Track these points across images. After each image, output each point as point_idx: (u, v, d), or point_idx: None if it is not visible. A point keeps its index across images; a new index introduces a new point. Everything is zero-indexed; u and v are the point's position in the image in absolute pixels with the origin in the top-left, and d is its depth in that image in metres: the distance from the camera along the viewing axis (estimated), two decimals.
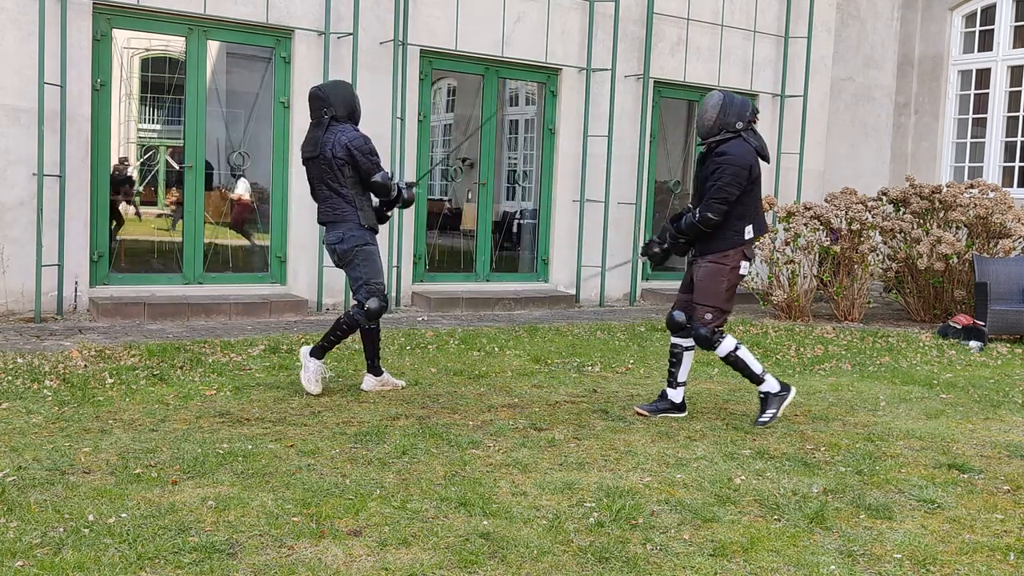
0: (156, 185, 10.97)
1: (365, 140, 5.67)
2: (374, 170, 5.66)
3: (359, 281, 5.81)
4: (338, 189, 5.67)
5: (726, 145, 5.33)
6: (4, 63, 7.91)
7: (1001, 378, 7.32)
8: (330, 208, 5.73)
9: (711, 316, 5.42)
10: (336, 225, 5.72)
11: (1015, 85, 13.31)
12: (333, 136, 5.63)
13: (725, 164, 5.27)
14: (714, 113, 5.34)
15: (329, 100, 5.68)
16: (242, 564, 3.30)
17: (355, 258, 5.76)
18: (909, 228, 10.16)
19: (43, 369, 6.08)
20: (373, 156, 5.67)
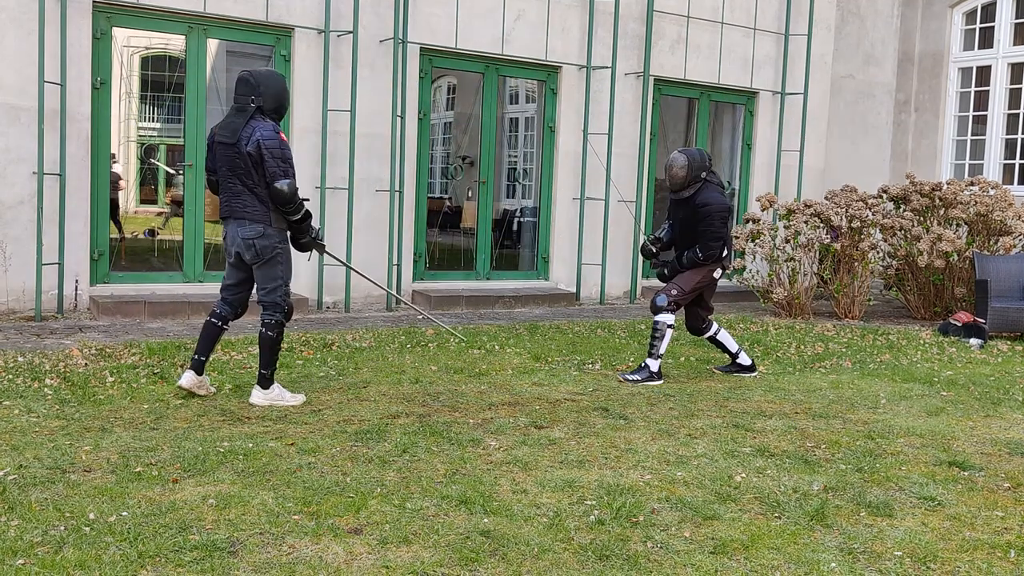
0: (156, 184, 10.98)
1: (281, 144, 5.28)
2: (279, 175, 5.24)
3: (278, 280, 5.46)
4: (252, 187, 5.30)
5: (703, 196, 6.56)
6: (4, 62, 7.91)
7: (1001, 375, 7.32)
8: (240, 204, 5.34)
9: (676, 292, 6.67)
10: (247, 223, 5.34)
11: (1015, 82, 13.30)
12: (252, 130, 5.26)
13: (712, 213, 6.52)
14: (683, 172, 6.55)
15: (259, 89, 5.30)
16: (243, 562, 3.30)
17: (275, 256, 5.42)
18: (909, 226, 10.16)
19: (44, 368, 6.08)
20: (284, 162, 5.27)
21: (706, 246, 6.56)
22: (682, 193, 6.62)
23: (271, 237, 5.39)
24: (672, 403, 5.97)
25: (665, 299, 6.62)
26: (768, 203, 10.42)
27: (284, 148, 5.31)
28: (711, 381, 6.74)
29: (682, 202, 6.68)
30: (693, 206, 6.58)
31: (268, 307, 5.50)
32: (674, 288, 6.65)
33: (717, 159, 12.70)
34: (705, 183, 6.59)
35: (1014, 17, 13.28)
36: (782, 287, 10.12)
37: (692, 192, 6.58)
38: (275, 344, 5.51)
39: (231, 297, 5.65)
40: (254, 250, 5.39)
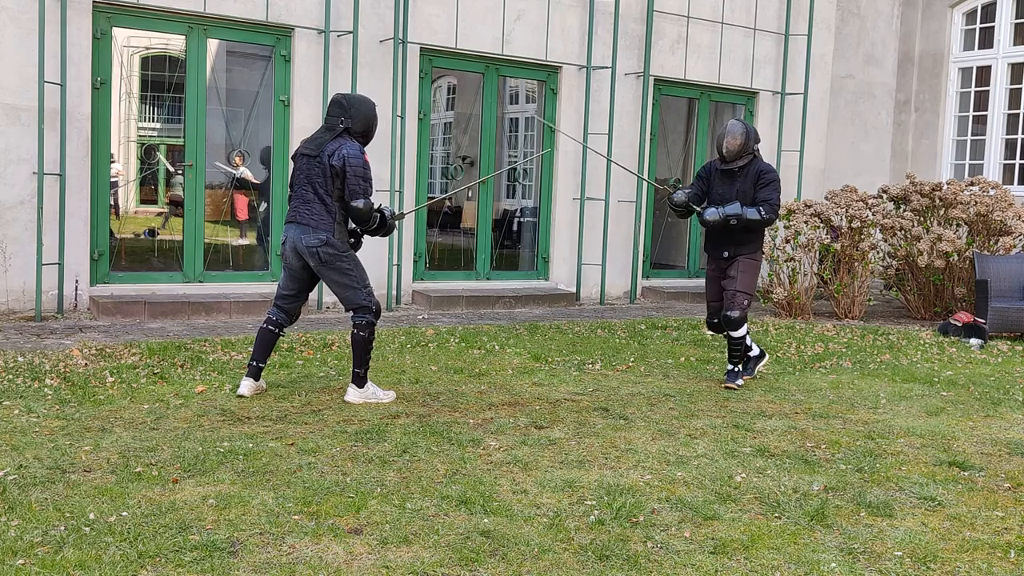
0: (156, 184, 10.98)
1: (364, 164, 5.51)
2: (360, 194, 5.48)
3: (354, 284, 5.63)
4: (324, 196, 5.50)
5: (762, 164, 6.47)
6: (4, 62, 7.91)
7: (1001, 375, 7.32)
8: (308, 212, 5.52)
9: (747, 302, 6.50)
10: (313, 230, 5.51)
11: (1015, 82, 13.30)
12: (338, 146, 5.48)
13: (776, 180, 6.42)
14: (741, 140, 6.38)
15: (349, 111, 5.55)
16: (243, 562, 3.30)
17: (343, 262, 5.60)
18: (909, 226, 10.16)
19: (44, 368, 6.08)
20: (365, 181, 5.50)
21: (772, 208, 6.33)
22: (736, 163, 6.41)
23: (338, 245, 5.57)
24: (672, 403, 5.97)
25: (739, 311, 6.42)
26: None
27: (366, 167, 5.53)
28: (711, 381, 6.74)
29: (732, 174, 6.45)
30: (754, 175, 6.39)
31: (356, 311, 5.66)
32: (745, 298, 6.46)
33: None
34: (755, 156, 6.47)
35: (1014, 17, 13.28)
36: (782, 287, 10.12)
37: (746, 162, 6.41)
38: (368, 344, 5.66)
39: (287, 306, 5.81)
40: (318, 257, 5.55)
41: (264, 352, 5.75)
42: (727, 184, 6.47)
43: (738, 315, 6.41)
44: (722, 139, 6.43)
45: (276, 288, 5.95)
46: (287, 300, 5.79)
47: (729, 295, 6.45)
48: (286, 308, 5.80)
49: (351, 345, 5.70)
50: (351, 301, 5.66)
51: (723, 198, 6.46)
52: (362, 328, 5.64)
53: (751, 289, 6.50)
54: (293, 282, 5.75)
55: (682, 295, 11.31)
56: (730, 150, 6.38)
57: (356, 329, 5.65)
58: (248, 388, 5.67)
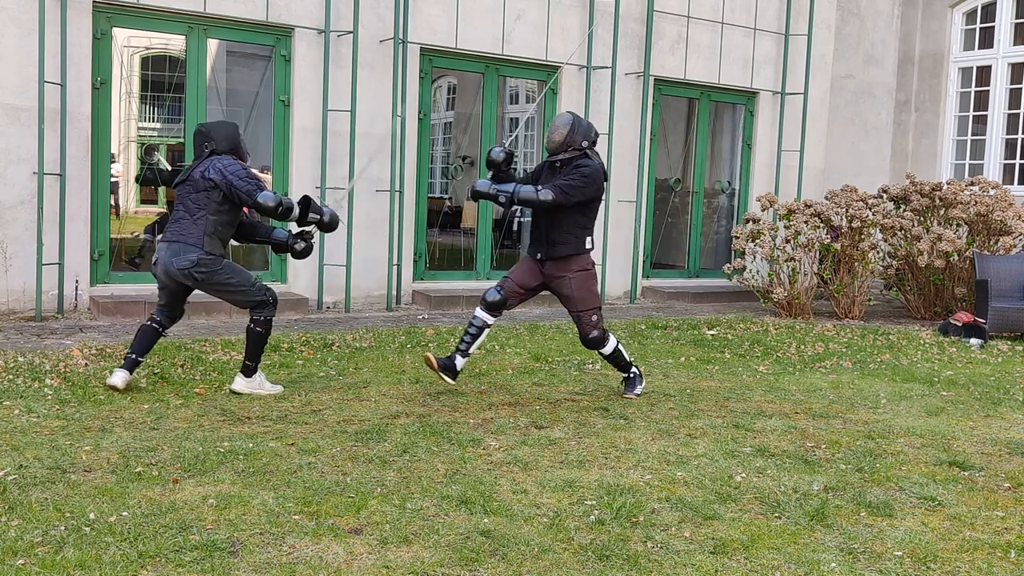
0: (156, 184, 10.99)
1: (242, 167, 5.50)
2: (255, 190, 5.44)
3: (243, 287, 5.61)
4: (193, 211, 5.49)
5: (582, 160, 5.80)
6: (4, 62, 7.91)
7: (1001, 375, 7.32)
8: (177, 228, 5.52)
9: (596, 318, 5.93)
10: (182, 248, 5.47)
11: (1015, 82, 13.30)
12: (209, 163, 5.49)
13: (586, 172, 5.72)
14: (564, 131, 5.80)
15: (211, 135, 5.58)
16: (243, 562, 3.30)
17: (220, 275, 5.55)
18: (909, 225, 10.16)
19: (44, 368, 6.08)
20: (251, 179, 5.47)
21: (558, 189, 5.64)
22: (558, 157, 5.83)
23: (208, 263, 5.51)
24: (672, 403, 5.97)
25: (597, 331, 5.91)
26: (768, 203, 10.42)
27: (247, 170, 5.53)
28: (711, 381, 6.74)
29: (556, 168, 5.87)
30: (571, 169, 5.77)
31: (254, 308, 5.69)
32: (593, 315, 5.89)
33: (717, 159, 12.72)
34: (586, 154, 5.83)
35: (1014, 17, 13.27)
36: (782, 287, 10.12)
37: (569, 157, 5.80)
38: (262, 338, 5.71)
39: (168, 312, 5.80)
40: (193, 279, 5.54)
41: (143, 347, 5.70)
42: (549, 179, 5.88)
43: (597, 335, 5.93)
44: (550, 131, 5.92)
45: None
46: (165, 309, 5.78)
47: (575, 318, 5.94)
48: (168, 313, 5.80)
49: (246, 336, 5.71)
50: (245, 303, 5.69)
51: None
52: (259, 324, 5.68)
53: (594, 303, 5.92)
54: (166, 295, 5.75)
55: (682, 295, 11.31)
56: (553, 142, 5.85)
57: (253, 324, 5.68)
58: (120, 379, 5.59)
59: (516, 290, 5.95)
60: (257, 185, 5.50)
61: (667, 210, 12.18)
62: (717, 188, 12.60)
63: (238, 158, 5.64)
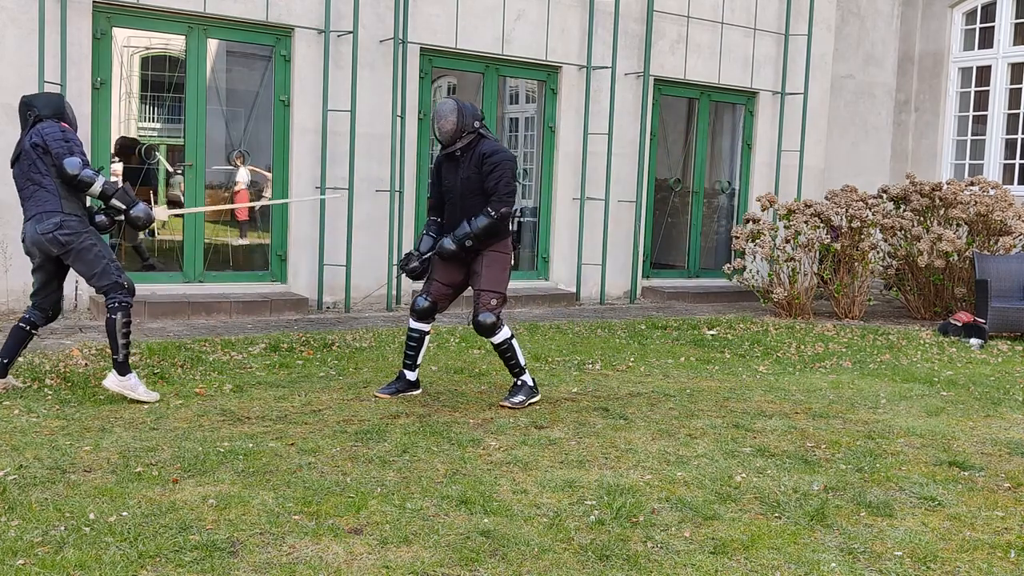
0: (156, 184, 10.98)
1: (61, 129, 5.32)
2: (65, 154, 5.22)
3: (102, 260, 5.39)
4: (40, 180, 5.30)
5: (485, 146, 5.62)
6: (4, 62, 7.91)
7: (1001, 375, 7.32)
8: (33, 202, 5.33)
9: (496, 302, 5.67)
10: (44, 215, 5.29)
11: (1015, 82, 13.30)
12: (33, 130, 5.36)
13: (502, 163, 5.58)
14: (453, 118, 5.56)
15: (33, 103, 5.44)
16: (243, 562, 3.30)
17: (84, 240, 5.36)
18: (909, 225, 10.16)
19: (44, 368, 6.08)
20: (66, 143, 5.27)
21: (501, 200, 5.58)
22: (456, 146, 5.61)
23: (71, 226, 5.34)
24: (672, 403, 5.97)
25: (492, 315, 5.62)
26: (768, 203, 10.42)
27: (65, 132, 5.33)
28: (711, 381, 6.74)
29: (457, 159, 5.67)
30: (476, 157, 5.59)
31: (108, 292, 5.39)
32: (493, 297, 5.64)
33: (717, 159, 12.72)
34: (479, 135, 5.64)
35: (1014, 17, 13.27)
36: (782, 287, 10.12)
37: (467, 143, 5.60)
38: (122, 328, 5.38)
39: (41, 302, 5.65)
40: (58, 243, 5.33)
41: (12, 349, 5.59)
42: (452, 172, 5.71)
43: (491, 320, 5.62)
44: (433, 122, 5.70)
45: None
46: (39, 296, 5.64)
47: (475, 296, 5.68)
48: (41, 306, 5.65)
49: (106, 331, 5.41)
50: (101, 280, 5.38)
51: (450, 188, 5.74)
52: (114, 311, 5.36)
53: (501, 286, 5.71)
54: (42, 274, 5.58)
55: (682, 295, 11.31)
56: (444, 132, 5.58)
57: (108, 312, 5.37)
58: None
59: (444, 291, 5.83)
60: (70, 150, 5.26)
61: (667, 210, 12.17)
62: (717, 188, 12.60)
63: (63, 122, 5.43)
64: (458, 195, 5.70)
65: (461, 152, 5.64)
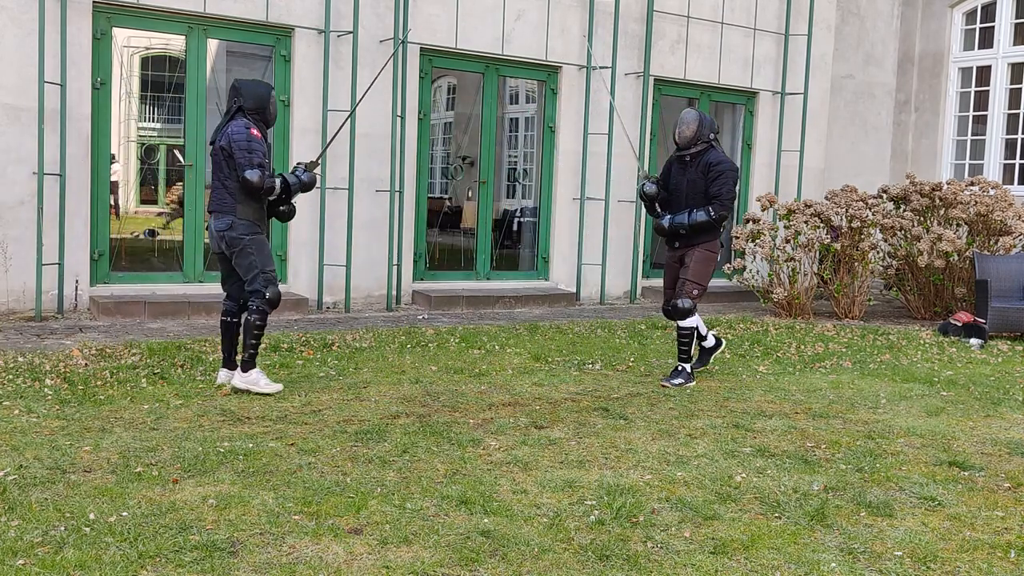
0: (156, 184, 10.97)
1: (248, 137, 5.56)
2: (245, 165, 5.53)
3: (254, 269, 5.72)
4: (223, 179, 5.65)
5: (714, 155, 6.38)
6: (4, 62, 7.91)
7: (1001, 375, 7.32)
8: (215, 198, 5.71)
9: (697, 292, 6.47)
10: (220, 215, 5.68)
11: (1015, 82, 13.30)
12: (228, 127, 5.63)
13: (727, 171, 6.33)
14: (694, 127, 6.35)
15: (240, 92, 5.70)
16: (243, 562, 3.30)
17: (245, 246, 5.68)
18: (909, 226, 10.16)
19: (44, 368, 6.08)
20: (249, 153, 5.54)
21: (722, 205, 6.32)
22: (688, 151, 6.39)
23: (240, 228, 5.67)
24: (672, 403, 5.97)
25: (689, 301, 6.44)
26: (768, 203, 10.42)
27: (250, 141, 5.57)
28: (711, 381, 6.74)
29: (686, 163, 6.45)
30: (704, 165, 6.36)
31: (250, 295, 5.78)
32: (695, 288, 6.45)
33: None
34: (710, 145, 6.40)
35: (1014, 17, 13.27)
36: (782, 287, 10.12)
37: (698, 151, 6.38)
38: (253, 328, 5.76)
39: (229, 289, 5.96)
40: (225, 242, 5.71)
41: (230, 343, 5.92)
42: (680, 173, 6.48)
43: (687, 305, 6.43)
44: (676, 127, 6.46)
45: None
46: (228, 284, 5.94)
47: (679, 284, 6.47)
48: (232, 293, 5.94)
49: (243, 327, 5.82)
50: (249, 285, 5.77)
51: (677, 187, 6.48)
52: (251, 313, 5.76)
53: (704, 279, 6.48)
54: (224, 263, 5.90)
55: None
56: (683, 137, 6.39)
57: (248, 313, 5.79)
58: (224, 378, 5.88)
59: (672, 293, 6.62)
60: (250, 161, 5.53)
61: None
62: None
63: (262, 121, 5.73)
64: (683, 195, 6.44)
65: (691, 158, 6.40)
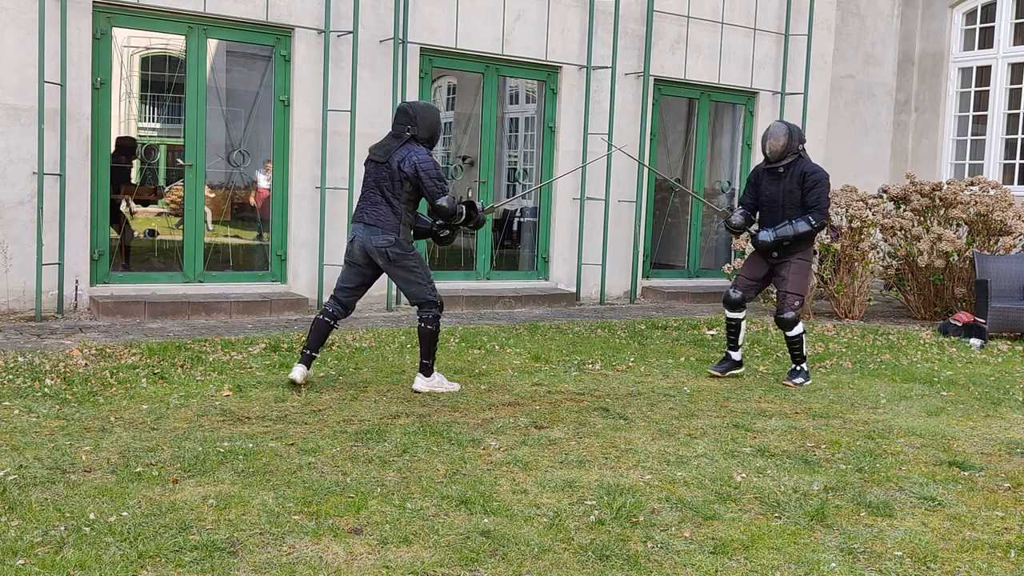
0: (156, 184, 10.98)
1: (435, 166, 5.85)
2: (439, 193, 5.82)
3: (420, 280, 5.95)
4: (390, 198, 5.84)
5: (808, 165, 6.59)
6: (4, 62, 7.91)
7: (1001, 375, 7.32)
8: (376, 213, 5.87)
9: (799, 303, 6.66)
10: (381, 231, 5.85)
11: (1015, 82, 13.30)
12: (407, 152, 5.81)
13: (823, 180, 6.56)
14: (784, 140, 6.54)
15: (416, 119, 5.88)
16: (243, 562, 3.30)
17: (409, 260, 5.92)
18: (909, 225, 10.16)
19: (44, 368, 6.08)
20: (440, 181, 5.84)
21: (822, 213, 6.52)
22: (781, 163, 6.57)
23: (405, 245, 5.92)
24: (672, 403, 5.97)
25: (793, 313, 6.62)
26: None
27: (438, 168, 5.89)
28: (711, 381, 6.74)
29: (778, 175, 6.62)
30: (799, 175, 6.55)
31: (422, 305, 5.99)
32: (796, 299, 6.63)
33: (717, 159, 12.72)
34: (799, 155, 6.60)
35: (1014, 17, 13.28)
36: None
37: (790, 161, 6.57)
38: (434, 336, 6.01)
39: (345, 299, 6.08)
40: (387, 257, 5.88)
41: (318, 341, 6.03)
42: (774, 184, 6.66)
43: (791, 316, 6.63)
44: (766, 141, 6.63)
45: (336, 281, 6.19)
46: (346, 293, 6.07)
47: (780, 297, 6.68)
48: (344, 301, 6.07)
49: (419, 337, 6.04)
50: (417, 296, 5.99)
51: (771, 198, 6.66)
52: (429, 322, 5.98)
53: (803, 290, 6.68)
54: (356, 276, 6.04)
55: (682, 295, 11.31)
56: (774, 151, 6.57)
57: (423, 323, 5.99)
58: (300, 374, 5.93)
59: (748, 284, 6.83)
60: (442, 189, 5.83)
61: (667, 210, 12.18)
62: (717, 188, 12.60)
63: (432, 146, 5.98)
64: (779, 204, 6.63)
65: (784, 169, 6.58)
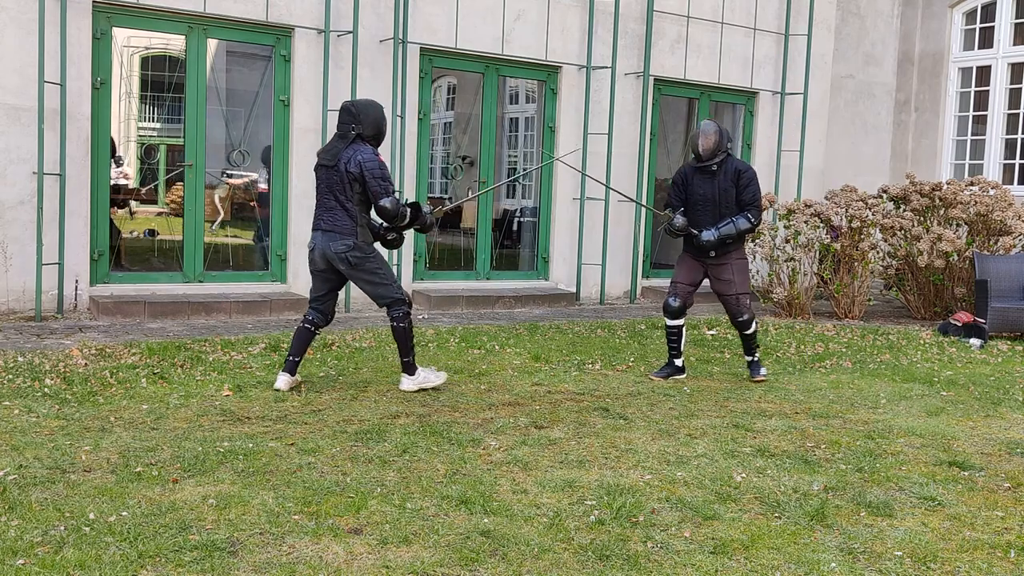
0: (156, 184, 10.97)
1: (380, 165, 5.78)
2: (382, 194, 5.76)
3: (384, 280, 5.91)
4: (343, 202, 5.79)
5: (737, 163, 6.65)
6: (4, 62, 7.91)
7: (1001, 375, 7.32)
8: (332, 219, 5.82)
9: (750, 301, 6.76)
10: (336, 236, 5.79)
11: (1015, 82, 13.30)
12: (352, 152, 5.76)
13: (755, 179, 6.66)
14: (715, 138, 6.55)
15: (359, 117, 5.82)
16: (243, 562, 3.30)
17: (370, 263, 5.87)
18: (909, 225, 10.16)
19: (44, 368, 6.08)
20: (384, 181, 5.78)
21: (758, 209, 6.61)
22: (712, 161, 6.57)
23: (364, 249, 5.86)
24: (672, 403, 5.97)
25: (749, 313, 6.73)
26: (768, 203, 10.42)
27: (383, 168, 5.82)
28: (711, 381, 6.74)
29: (712, 174, 6.62)
30: (733, 173, 6.59)
31: (391, 305, 5.95)
32: (747, 297, 6.74)
33: None
34: (729, 154, 6.64)
35: (1014, 17, 13.28)
36: (782, 287, 10.12)
37: (721, 159, 6.58)
38: (408, 333, 5.97)
39: (322, 307, 6.05)
40: (347, 262, 5.83)
41: (300, 348, 5.99)
42: (707, 183, 6.64)
43: (748, 316, 6.76)
44: (696, 139, 6.62)
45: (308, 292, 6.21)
46: (320, 302, 6.03)
47: (733, 300, 6.71)
48: (320, 308, 6.04)
49: (395, 338, 6.01)
50: (384, 297, 5.95)
51: (706, 197, 6.63)
52: (400, 320, 5.94)
53: (748, 287, 6.81)
54: (324, 284, 6.00)
55: None
56: (705, 149, 6.56)
57: (395, 322, 5.95)
58: (284, 382, 5.88)
59: (688, 290, 6.81)
60: (386, 190, 5.76)
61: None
62: None
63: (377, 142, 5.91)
64: (715, 203, 6.64)
65: (717, 167, 6.61)
